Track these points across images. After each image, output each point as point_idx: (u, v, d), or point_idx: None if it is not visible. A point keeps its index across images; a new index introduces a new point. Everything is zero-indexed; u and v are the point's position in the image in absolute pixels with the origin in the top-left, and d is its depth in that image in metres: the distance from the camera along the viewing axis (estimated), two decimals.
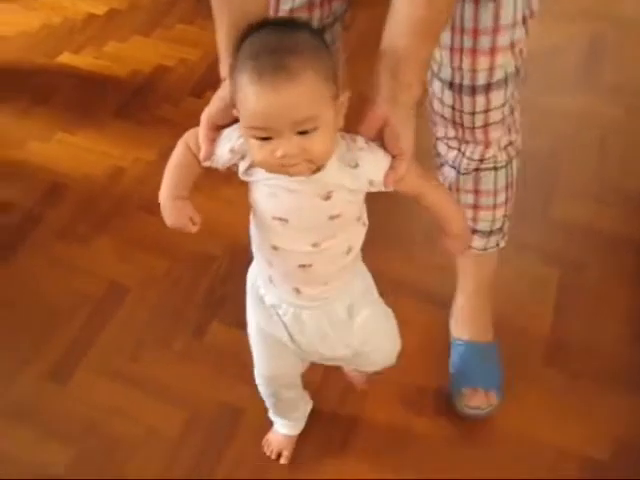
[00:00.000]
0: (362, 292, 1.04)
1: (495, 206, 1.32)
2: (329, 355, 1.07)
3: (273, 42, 0.76)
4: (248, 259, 0.94)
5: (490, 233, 1.36)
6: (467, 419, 1.37)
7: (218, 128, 0.88)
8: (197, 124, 0.87)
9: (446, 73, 1.13)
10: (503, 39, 1.06)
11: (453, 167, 1.28)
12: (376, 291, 1.08)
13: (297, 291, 0.97)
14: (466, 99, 1.14)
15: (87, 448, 1.36)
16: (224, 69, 0.88)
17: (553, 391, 1.43)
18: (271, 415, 1.31)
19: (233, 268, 1.62)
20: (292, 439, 1.34)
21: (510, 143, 1.26)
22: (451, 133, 1.23)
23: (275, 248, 0.91)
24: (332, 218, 0.88)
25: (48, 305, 1.58)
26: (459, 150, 1.25)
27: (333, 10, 1.16)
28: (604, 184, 1.82)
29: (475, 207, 1.32)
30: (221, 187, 1.50)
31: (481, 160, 1.24)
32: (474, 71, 1.10)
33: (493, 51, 1.07)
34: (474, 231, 1.34)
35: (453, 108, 1.17)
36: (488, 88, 1.12)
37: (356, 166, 0.85)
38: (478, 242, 1.37)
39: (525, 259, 1.34)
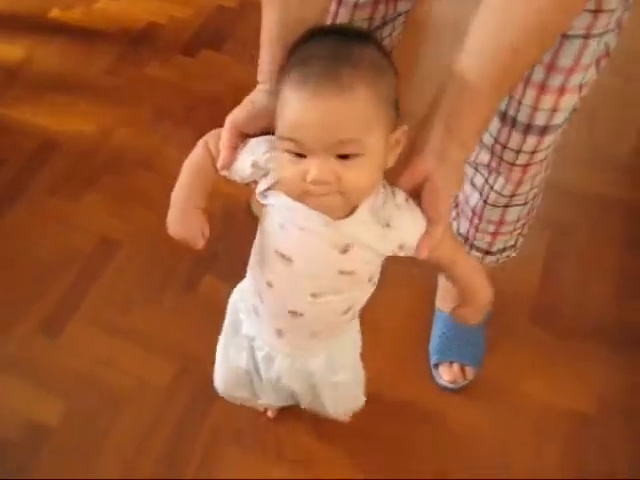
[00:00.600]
0: (345, 353, 0.98)
1: (513, 230, 1.26)
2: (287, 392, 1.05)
3: (329, 49, 0.67)
4: (243, 218, 0.92)
5: (503, 250, 1.30)
6: None
7: (243, 135, 0.78)
8: (188, 83, 0.82)
9: None
10: (575, 79, 0.94)
11: (479, 194, 1.18)
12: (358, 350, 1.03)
13: (279, 334, 0.89)
14: (515, 136, 1.01)
15: (79, 400, 1.36)
16: (262, 72, 0.79)
17: (541, 349, 1.45)
18: None
19: (227, 226, 1.60)
20: None
21: (543, 178, 1.17)
22: (484, 159, 1.10)
23: (270, 285, 0.83)
24: (342, 273, 0.78)
25: (40, 260, 1.57)
26: (486, 181, 1.13)
27: (398, 9, 1.05)
28: (595, 149, 1.84)
29: (494, 234, 1.25)
30: None
31: (512, 197, 1.14)
32: (535, 109, 0.96)
33: (561, 91, 0.94)
34: (487, 252, 1.28)
35: (496, 140, 1.04)
36: (544, 131, 0.99)
37: (387, 225, 0.74)
38: (490, 258, 1.31)
39: None
